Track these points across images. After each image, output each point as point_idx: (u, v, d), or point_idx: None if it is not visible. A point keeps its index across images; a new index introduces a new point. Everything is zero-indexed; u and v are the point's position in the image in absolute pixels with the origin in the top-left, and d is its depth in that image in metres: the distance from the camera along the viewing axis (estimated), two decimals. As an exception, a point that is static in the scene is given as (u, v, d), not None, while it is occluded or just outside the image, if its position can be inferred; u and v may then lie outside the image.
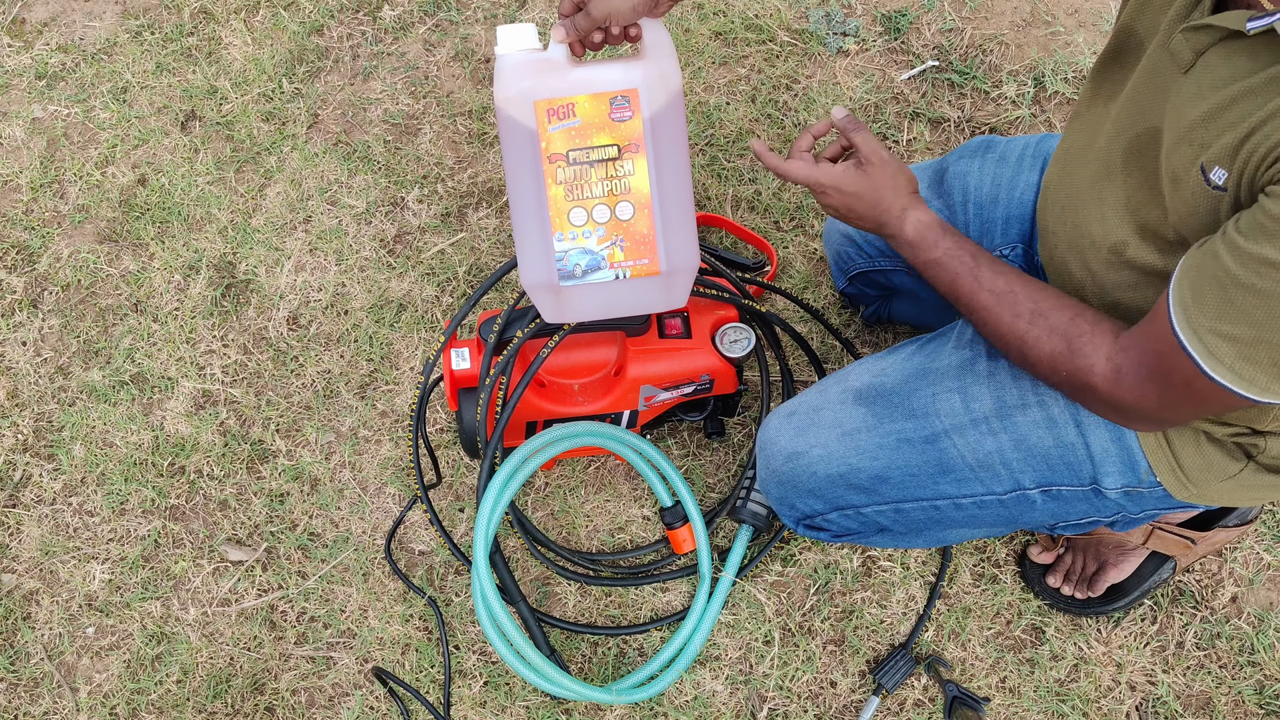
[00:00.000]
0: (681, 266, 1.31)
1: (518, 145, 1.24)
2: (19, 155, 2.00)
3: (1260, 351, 0.88)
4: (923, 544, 1.42)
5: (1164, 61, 0.99)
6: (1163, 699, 1.52)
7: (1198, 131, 0.92)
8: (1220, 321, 0.89)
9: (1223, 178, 0.90)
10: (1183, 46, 0.95)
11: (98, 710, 1.55)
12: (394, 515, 1.66)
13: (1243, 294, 0.86)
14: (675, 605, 1.59)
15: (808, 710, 1.52)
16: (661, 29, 1.25)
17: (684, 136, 1.27)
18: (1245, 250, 0.85)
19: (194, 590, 1.62)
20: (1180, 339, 0.92)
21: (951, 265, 1.18)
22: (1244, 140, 0.87)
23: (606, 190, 1.26)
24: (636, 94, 1.21)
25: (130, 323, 1.82)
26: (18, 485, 1.70)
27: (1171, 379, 0.96)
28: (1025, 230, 1.36)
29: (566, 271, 1.28)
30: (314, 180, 1.95)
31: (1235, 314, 0.87)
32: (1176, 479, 1.15)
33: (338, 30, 2.12)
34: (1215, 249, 0.89)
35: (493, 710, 1.53)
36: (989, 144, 1.45)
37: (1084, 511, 1.24)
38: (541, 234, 1.27)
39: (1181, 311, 0.92)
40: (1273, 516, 1.63)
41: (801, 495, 1.32)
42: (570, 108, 1.21)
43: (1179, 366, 0.94)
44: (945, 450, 1.22)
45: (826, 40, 2.06)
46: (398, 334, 1.80)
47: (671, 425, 1.72)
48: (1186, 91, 0.95)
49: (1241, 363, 0.89)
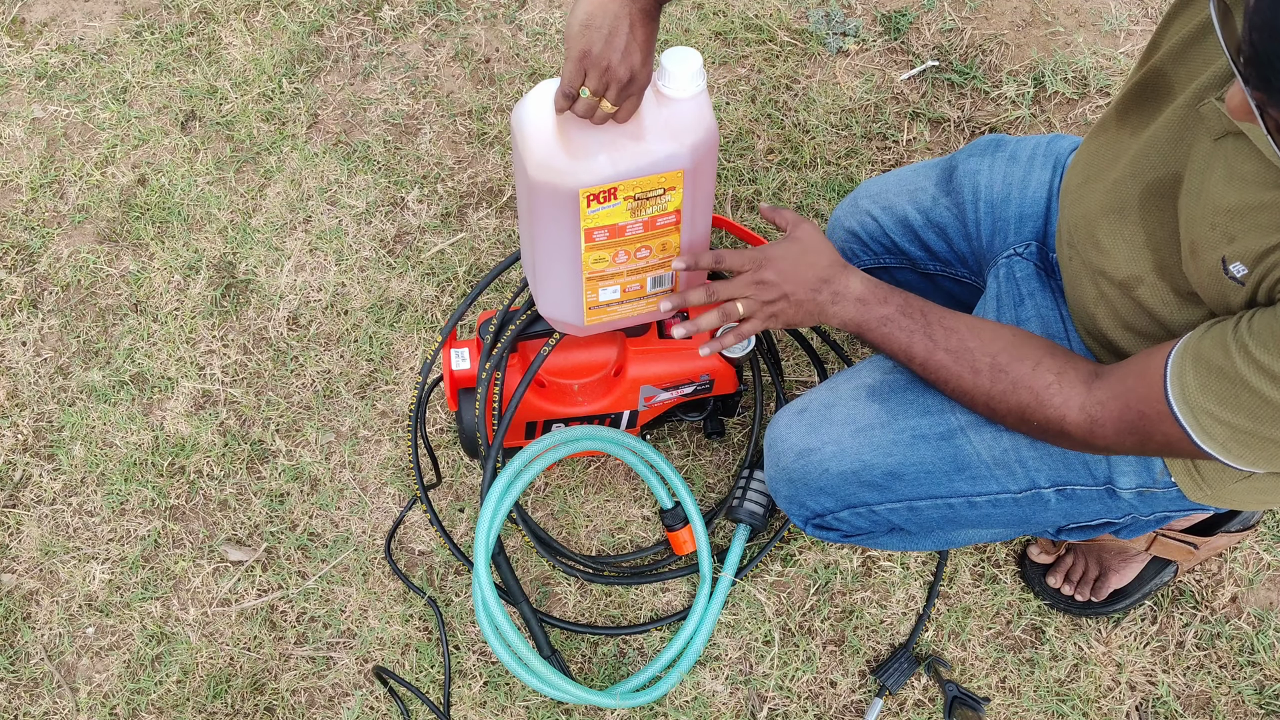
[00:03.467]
0: None
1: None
2: (19, 155, 2.00)
3: (1253, 440, 0.93)
4: (931, 545, 1.41)
5: (1193, 120, 0.99)
6: (1163, 699, 1.52)
7: (1223, 219, 0.94)
8: (1220, 409, 0.93)
9: (1242, 273, 0.92)
10: (1213, 115, 0.96)
11: (98, 710, 1.55)
12: (394, 515, 1.66)
13: (1246, 393, 0.90)
14: (675, 605, 1.59)
15: (808, 710, 1.52)
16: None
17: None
18: (1255, 358, 0.89)
19: (194, 590, 1.62)
20: (1175, 412, 0.96)
21: (905, 322, 1.17)
22: (1270, 251, 0.89)
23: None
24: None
25: (130, 323, 1.82)
26: (18, 485, 1.70)
27: (1153, 436, 1.00)
28: (1039, 229, 1.35)
29: None
30: (314, 180, 1.95)
31: (1236, 406, 0.91)
32: (1192, 480, 1.15)
33: (338, 30, 2.12)
34: (1225, 342, 0.92)
35: (493, 710, 1.53)
36: (999, 142, 1.44)
37: (1097, 512, 1.24)
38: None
39: (1180, 390, 0.96)
40: (1273, 517, 1.63)
41: (813, 493, 1.30)
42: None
43: (1165, 430, 0.98)
44: (961, 447, 1.22)
45: (826, 40, 2.06)
46: (398, 334, 1.80)
47: (671, 425, 1.72)
48: (1217, 171, 0.95)
49: (1233, 444, 0.94)
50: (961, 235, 1.45)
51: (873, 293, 1.20)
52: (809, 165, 1.94)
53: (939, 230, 1.46)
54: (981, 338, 1.14)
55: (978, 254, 1.43)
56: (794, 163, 1.94)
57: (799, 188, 1.91)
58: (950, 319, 1.17)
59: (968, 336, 1.15)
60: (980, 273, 1.45)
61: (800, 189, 1.91)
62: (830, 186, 1.91)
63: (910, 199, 1.49)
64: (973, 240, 1.42)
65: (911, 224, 1.48)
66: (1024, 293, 1.30)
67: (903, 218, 1.49)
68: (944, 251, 1.48)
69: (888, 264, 1.55)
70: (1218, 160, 0.95)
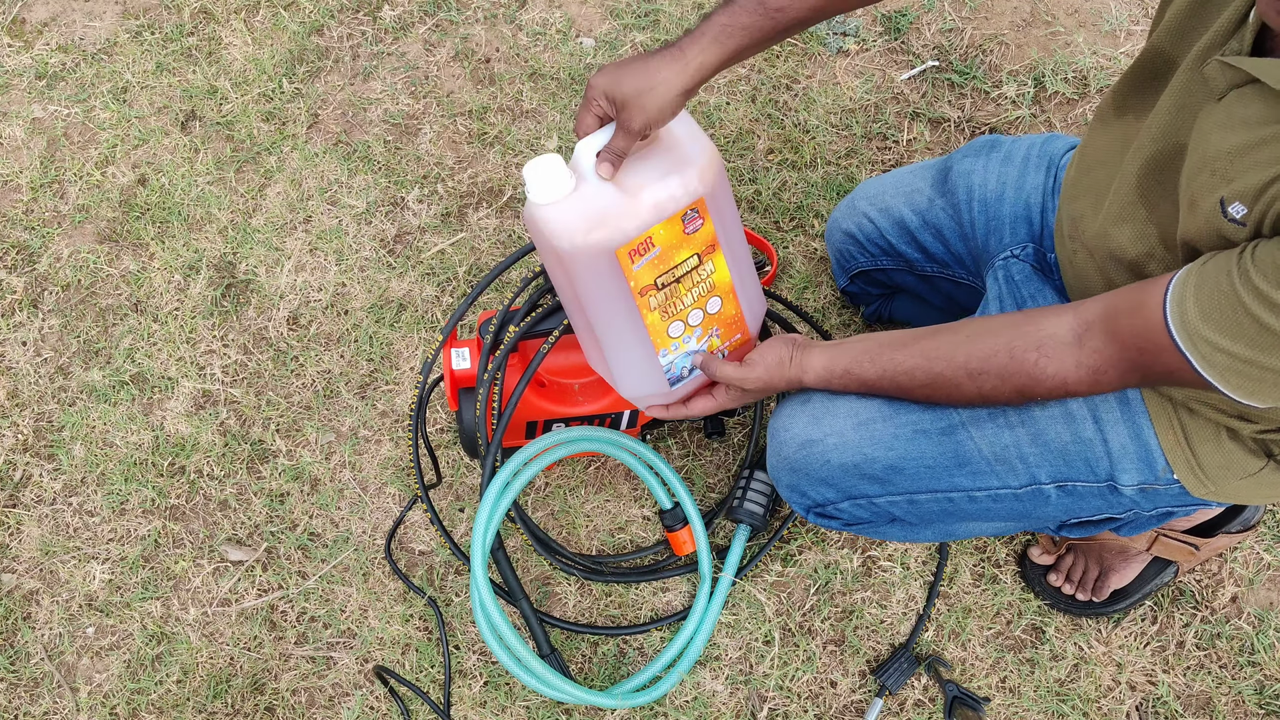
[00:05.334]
0: (759, 315, 1.34)
1: (601, 286, 1.19)
2: (19, 155, 2.00)
3: (1252, 369, 0.92)
4: (931, 537, 1.41)
5: (1196, 84, 0.99)
6: (1163, 699, 1.52)
7: (1222, 163, 0.94)
8: (1220, 337, 0.92)
9: (1241, 213, 0.92)
10: (1217, 75, 0.96)
11: (98, 710, 1.55)
12: (394, 515, 1.66)
13: (1248, 320, 0.90)
14: (675, 605, 1.59)
15: (808, 710, 1.52)
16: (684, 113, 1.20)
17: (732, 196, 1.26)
18: (1257, 286, 0.88)
19: (194, 590, 1.62)
20: (1176, 341, 0.95)
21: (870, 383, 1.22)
22: (1271, 183, 0.89)
23: (696, 296, 1.25)
24: (703, 202, 1.18)
25: (130, 323, 1.82)
26: (18, 485, 1.70)
27: (1155, 369, 1.00)
28: (1035, 230, 1.35)
29: (675, 376, 1.30)
30: (314, 180, 1.95)
31: (1236, 334, 0.91)
32: (1195, 477, 1.15)
33: (338, 30, 2.12)
34: (1229, 269, 0.91)
35: (493, 710, 1.53)
36: (994, 143, 1.44)
37: (1098, 508, 1.24)
38: (645, 356, 1.27)
39: (1180, 318, 0.95)
40: (1273, 517, 1.63)
41: (814, 483, 1.30)
42: (649, 242, 1.17)
43: (1167, 361, 0.98)
44: (962, 443, 1.22)
45: (826, 40, 2.06)
46: (398, 334, 1.80)
47: (672, 425, 1.72)
48: (1215, 118, 0.96)
49: (1231, 374, 0.94)
50: (958, 236, 1.45)
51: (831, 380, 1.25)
52: (809, 165, 1.94)
53: (935, 232, 1.46)
54: (942, 358, 1.15)
55: (975, 255, 1.43)
56: (794, 163, 1.94)
57: (799, 188, 1.91)
58: (906, 360, 1.18)
59: (928, 365, 1.17)
60: (978, 273, 1.45)
61: (800, 189, 1.91)
62: (830, 186, 1.91)
63: (906, 200, 1.49)
64: (969, 241, 1.43)
65: (908, 225, 1.48)
66: (1025, 295, 1.30)
67: (899, 219, 1.49)
68: (941, 253, 1.48)
69: (885, 266, 1.55)
70: (1219, 114, 0.95)
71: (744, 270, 1.30)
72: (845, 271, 1.63)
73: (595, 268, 1.16)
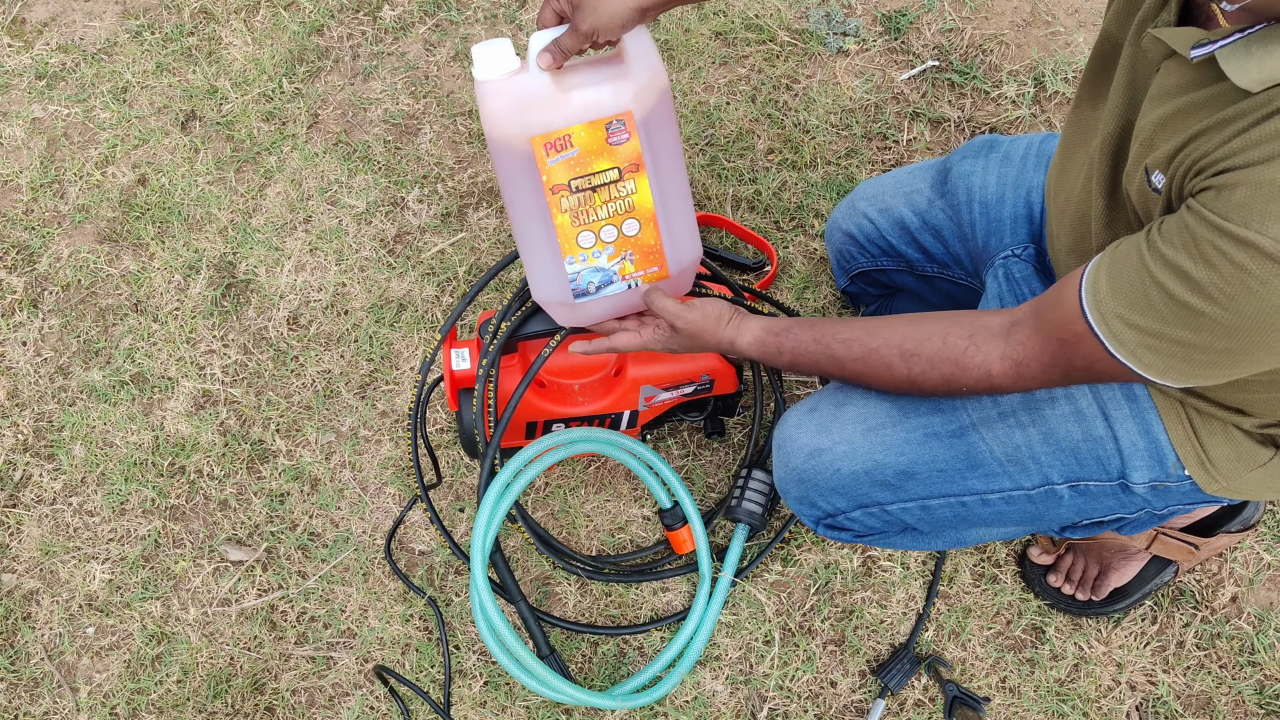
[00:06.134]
0: (687, 262, 1.33)
1: (517, 175, 1.22)
2: (19, 155, 2.00)
3: (1160, 343, 0.93)
4: (943, 545, 1.40)
5: (1139, 58, 1.01)
6: (1163, 699, 1.52)
7: (1147, 134, 0.96)
8: (1130, 311, 0.93)
9: (1160, 181, 0.94)
10: (1152, 48, 0.98)
11: (98, 710, 1.55)
12: (394, 515, 1.66)
13: (1155, 290, 0.91)
14: (675, 605, 1.59)
15: (808, 710, 1.52)
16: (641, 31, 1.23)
17: (676, 133, 1.27)
18: (1163, 254, 0.90)
19: (194, 590, 1.62)
20: (1090, 323, 0.97)
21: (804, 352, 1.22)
22: (1179, 149, 0.91)
23: (611, 211, 1.25)
24: (631, 115, 1.19)
25: (130, 323, 1.82)
26: (18, 485, 1.70)
27: (1075, 362, 1.01)
28: (1035, 230, 1.35)
29: (580, 290, 1.30)
30: (314, 180, 1.95)
31: (1145, 307, 0.92)
32: (1206, 472, 1.15)
33: (338, 30, 2.12)
34: (1139, 245, 0.93)
35: (493, 710, 1.53)
36: (992, 143, 1.44)
37: (1110, 508, 1.23)
38: (552, 258, 1.27)
39: (1093, 297, 0.96)
40: (1273, 516, 1.63)
41: (824, 493, 1.29)
42: (567, 139, 1.19)
43: (1084, 350, 0.99)
44: (974, 444, 1.21)
45: (826, 40, 2.06)
46: (398, 334, 1.80)
47: (672, 425, 1.72)
48: (1151, 91, 0.98)
49: (1143, 350, 0.94)
50: (957, 237, 1.45)
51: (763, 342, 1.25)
52: (809, 165, 1.94)
53: (935, 232, 1.46)
54: (880, 335, 1.17)
55: (974, 255, 1.43)
56: (794, 163, 1.94)
57: (799, 188, 1.91)
58: (845, 330, 1.20)
59: (866, 339, 1.18)
60: (977, 274, 1.45)
61: (800, 189, 1.91)
62: (830, 186, 1.91)
63: (906, 201, 1.49)
64: (968, 242, 1.42)
65: (908, 226, 1.48)
66: (1026, 293, 1.30)
67: (899, 220, 1.49)
68: (940, 253, 1.48)
69: (885, 266, 1.55)
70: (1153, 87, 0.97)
71: (674, 207, 1.29)
72: (845, 272, 1.63)
73: (513, 152, 1.19)
